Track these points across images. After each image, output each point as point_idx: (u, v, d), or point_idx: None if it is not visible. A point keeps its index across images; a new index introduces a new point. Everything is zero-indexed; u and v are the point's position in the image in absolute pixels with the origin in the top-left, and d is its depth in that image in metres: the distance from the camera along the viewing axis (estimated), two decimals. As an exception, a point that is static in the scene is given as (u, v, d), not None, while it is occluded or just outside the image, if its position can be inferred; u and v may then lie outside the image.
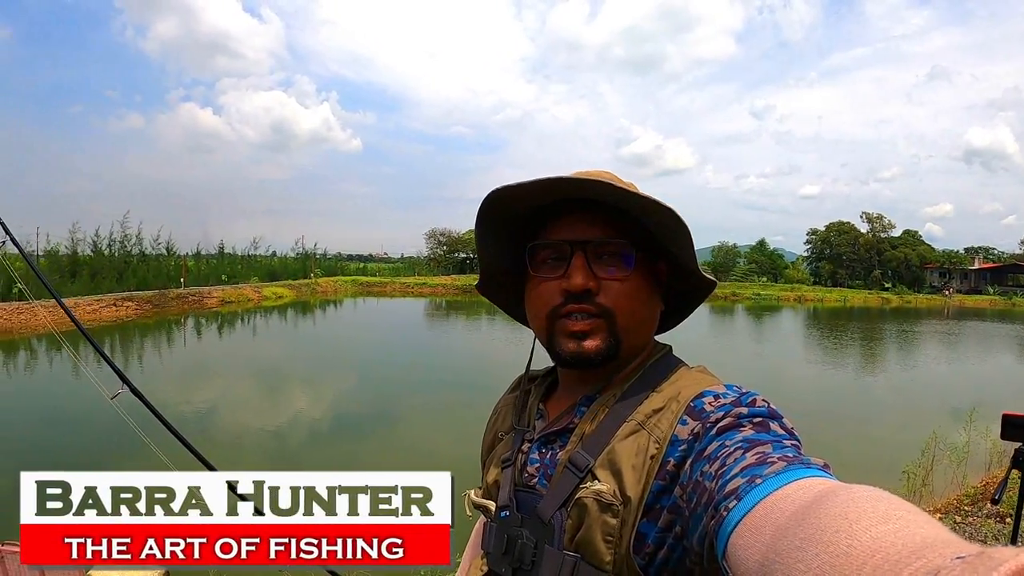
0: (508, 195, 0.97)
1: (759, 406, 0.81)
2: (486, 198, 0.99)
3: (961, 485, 6.95)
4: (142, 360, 17.54)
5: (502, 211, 1.02)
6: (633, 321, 0.96)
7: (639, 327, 0.98)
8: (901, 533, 0.43)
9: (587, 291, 0.94)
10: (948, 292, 64.67)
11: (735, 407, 0.81)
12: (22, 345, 19.74)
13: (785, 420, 0.80)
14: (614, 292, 0.95)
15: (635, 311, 0.96)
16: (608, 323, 0.94)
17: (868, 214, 72.53)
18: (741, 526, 0.61)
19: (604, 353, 0.95)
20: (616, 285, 0.95)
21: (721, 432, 0.78)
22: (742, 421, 0.78)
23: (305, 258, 50.77)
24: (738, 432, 0.76)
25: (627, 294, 0.95)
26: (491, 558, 1.00)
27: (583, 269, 0.94)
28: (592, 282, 0.94)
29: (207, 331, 25.12)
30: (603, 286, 0.94)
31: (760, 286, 61.10)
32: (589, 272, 0.94)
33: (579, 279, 0.93)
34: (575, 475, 0.89)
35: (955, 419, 8.62)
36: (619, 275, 0.95)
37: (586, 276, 0.93)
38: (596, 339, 0.95)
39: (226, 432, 10.11)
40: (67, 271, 30.17)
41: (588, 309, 0.94)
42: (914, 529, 0.44)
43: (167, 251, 37.80)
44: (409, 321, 30.40)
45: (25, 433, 9.87)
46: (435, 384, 14.19)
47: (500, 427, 1.14)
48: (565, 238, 0.97)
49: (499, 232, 1.06)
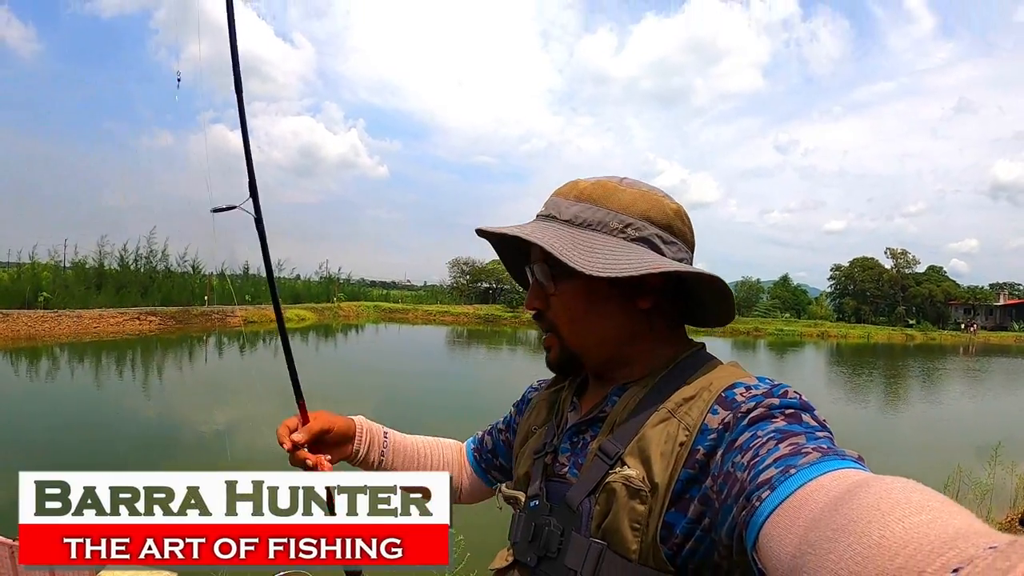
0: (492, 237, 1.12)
1: (791, 397, 0.81)
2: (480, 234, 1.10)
3: (987, 520, 6.73)
4: (162, 374, 17.68)
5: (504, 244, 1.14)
6: (576, 332, 1.01)
7: (587, 334, 1.01)
8: (934, 524, 0.43)
9: (536, 310, 1.05)
10: (972, 329, 63.75)
11: (767, 398, 0.81)
12: (44, 352, 19.95)
13: (817, 412, 0.80)
14: (554, 308, 1.02)
15: (576, 321, 1.01)
16: (558, 336, 1.03)
17: (892, 250, 72.28)
18: (774, 516, 0.60)
19: (560, 362, 1.05)
20: (554, 301, 1.02)
21: (753, 423, 0.78)
22: (774, 412, 0.78)
23: (329, 282, 50.98)
24: (770, 423, 0.76)
25: (561, 307, 1.01)
26: (517, 548, 1.02)
27: (534, 290, 1.05)
28: (537, 302, 1.04)
29: (229, 349, 25.33)
30: (550, 303, 1.03)
31: (783, 322, 60.54)
32: (539, 292, 1.04)
33: (528, 301, 1.06)
34: (605, 462, 0.90)
35: (979, 455, 8.46)
36: (553, 291, 1.01)
37: (532, 297, 1.05)
38: (553, 352, 1.05)
39: (244, 448, 10.13)
40: (93, 283, 30.61)
41: (543, 325, 1.05)
42: (947, 519, 0.44)
43: (192, 269, 38.19)
44: (430, 348, 30.43)
45: (44, 437, 9.94)
46: (453, 408, 14.07)
47: (534, 422, 1.16)
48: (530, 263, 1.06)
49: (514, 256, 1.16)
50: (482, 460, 1.37)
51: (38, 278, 27.86)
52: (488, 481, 1.36)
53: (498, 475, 1.34)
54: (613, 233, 0.98)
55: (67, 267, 32.59)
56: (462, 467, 1.40)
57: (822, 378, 25.90)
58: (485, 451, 1.37)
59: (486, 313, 49.28)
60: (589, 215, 0.99)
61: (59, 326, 24.00)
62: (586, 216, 0.99)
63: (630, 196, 1.00)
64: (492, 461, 1.35)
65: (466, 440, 1.44)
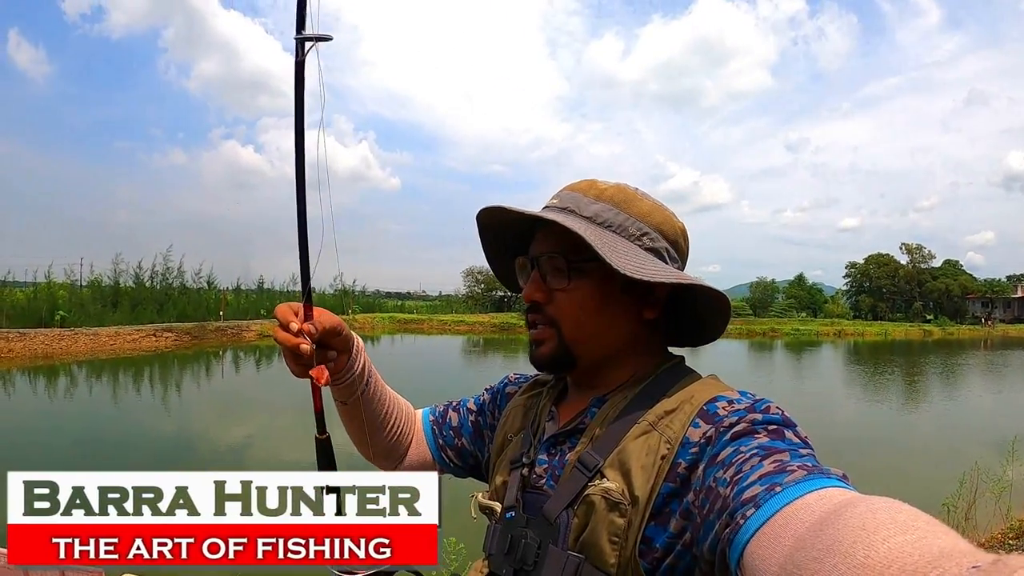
0: (487, 221, 1.09)
1: (773, 413, 0.81)
2: (477, 217, 1.09)
3: (1006, 518, 6.67)
4: (181, 389, 17.78)
5: (497, 232, 1.12)
6: (580, 330, 1.00)
7: (590, 335, 1.00)
8: (919, 544, 0.45)
9: (535, 302, 1.01)
10: (990, 322, 63.14)
11: (749, 413, 0.81)
12: (62, 370, 20.09)
13: (799, 428, 0.79)
14: (559, 303, 0.99)
15: (581, 320, 0.99)
16: (556, 332, 1.00)
17: (907, 245, 71.96)
18: (760, 534, 0.60)
19: (553, 359, 1.02)
20: (561, 296, 0.99)
21: (736, 438, 0.77)
22: (756, 427, 0.78)
23: (343, 294, 51.05)
24: (753, 438, 0.76)
25: (572, 305, 0.99)
26: (493, 559, 1.00)
27: (535, 282, 1.01)
28: (538, 294, 1.01)
29: (245, 364, 25.46)
30: (552, 297, 1.00)
31: (799, 321, 60.04)
32: (541, 284, 1.00)
33: (528, 291, 1.02)
34: (584, 474, 0.89)
35: (998, 451, 8.33)
36: (562, 286, 0.99)
37: (533, 288, 1.01)
38: (547, 346, 1.01)
39: (259, 462, 10.16)
40: (109, 301, 30.87)
41: (540, 318, 1.01)
42: (931, 540, 0.45)
43: (208, 284, 38.46)
44: (446, 357, 30.47)
45: (59, 455, 10.00)
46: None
47: (509, 429, 1.15)
48: (531, 253, 1.04)
49: (500, 248, 1.15)
50: (440, 435, 1.31)
51: (54, 297, 28.12)
52: (439, 458, 1.30)
53: (453, 455, 1.29)
54: (631, 239, 0.98)
55: (83, 285, 32.85)
56: (414, 431, 1.32)
57: (840, 377, 25.71)
58: (447, 426, 1.31)
59: (501, 321, 49.07)
60: (611, 216, 0.98)
61: (76, 344, 24.20)
62: (607, 217, 0.98)
63: (648, 206, 1.01)
64: (453, 440, 1.29)
65: (421, 408, 1.37)
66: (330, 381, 1.04)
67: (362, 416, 1.18)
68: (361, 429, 1.20)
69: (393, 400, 1.27)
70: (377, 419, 1.22)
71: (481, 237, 1.14)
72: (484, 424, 1.28)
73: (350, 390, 1.15)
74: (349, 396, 1.16)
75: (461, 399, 1.35)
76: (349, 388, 1.15)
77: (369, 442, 1.22)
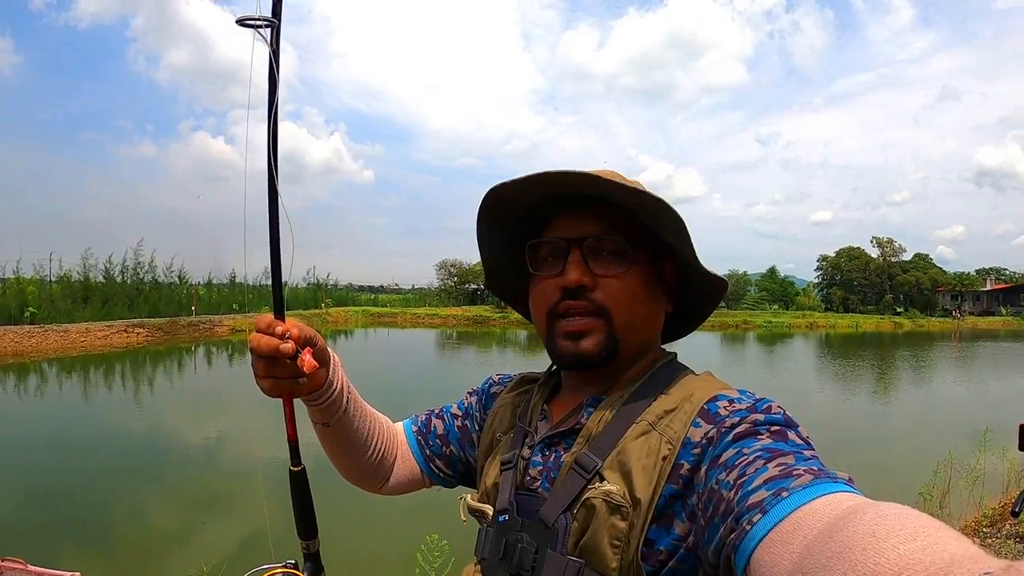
0: (507, 193, 0.97)
1: (775, 413, 0.79)
2: (487, 195, 0.98)
3: (979, 507, 6.80)
4: (153, 385, 17.55)
5: (504, 210, 1.01)
6: (631, 319, 0.95)
7: (638, 326, 0.96)
8: (929, 550, 0.44)
9: (582, 287, 0.92)
10: (959, 315, 64.24)
11: (751, 413, 0.79)
12: (32, 368, 19.75)
13: (801, 429, 0.78)
14: (611, 289, 0.93)
15: (633, 309, 0.95)
16: (605, 322, 0.93)
17: (878, 239, 72.82)
18: (767, 541, 0.59)
19: (601, 353, 0.93)
20: (613, 282, 0.93)
21: (738, 439, 0.76)
22: (759, 428, 0.76)
23: (316, 288, 50.68)
24: (756, 440, 0.74)
25: (625, 291, 0.94)
26: (486, 564, 0.97)
27: (579, 265, 0.93)
28: (587, 278, 0.93)
29: (217, 359, 25.15)
30: (600, 283, 0.93)
31: (771, 314, 60.77)
32: (585, 268, 0.93)
33: (574, 275, 0.92)
34: (582, 476, 0.86)
35: (970, 441, 8.48)
36: (616, 272, 0.93)
37: (581, 272, 0.93)
38: (592, 339, 0.93)
39: (231, 459, 10.06)
40: (79, 297, 30.40)
41: (584, 306, 0.93)
42: (942, 546, 0.44)
43: (179, 279, 37.96)
44: (419, 351, 30.41)
45: (31, 457, 9.83)
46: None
47: (498, 428, 1.11)
48: (563, 235, 0.96)
49: (503, 232, 1.06)
50: (427, 445, 1.24)
51: (23, 293, 27.59)
52: (428, 470, 1.23)
53: (442, 465, 1.23)
54: None
55: (52, 281, 32.30)
56: (398, 447, 1.24)
57: (812, 368, 26.00)
58: (432, 435, 1.24)
59: (474, 314, 49.07)
60: None
61: (46, 341, 23.75)
62: None
63: None
64: (440, 449, 1.23)
65: (400, 421, 1.30)
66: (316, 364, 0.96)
67: (346, 437, 1.12)
68: (345, 451, 1.15)
69: (372, 415, 1.19)
70: (361, 438, 1.15)
71: (484, 219, 1.04)
72: (472, 428, 1.22)
73: (332, 408, 1.07)
74: (332, 416, 1.08)
75: (443, 406, 1.29)
76: (332, 407, 1.07)
77: (353, 464, 1.18)
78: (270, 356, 0.94)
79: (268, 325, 0.95)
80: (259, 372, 0.96)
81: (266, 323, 0.96)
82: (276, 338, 0.94)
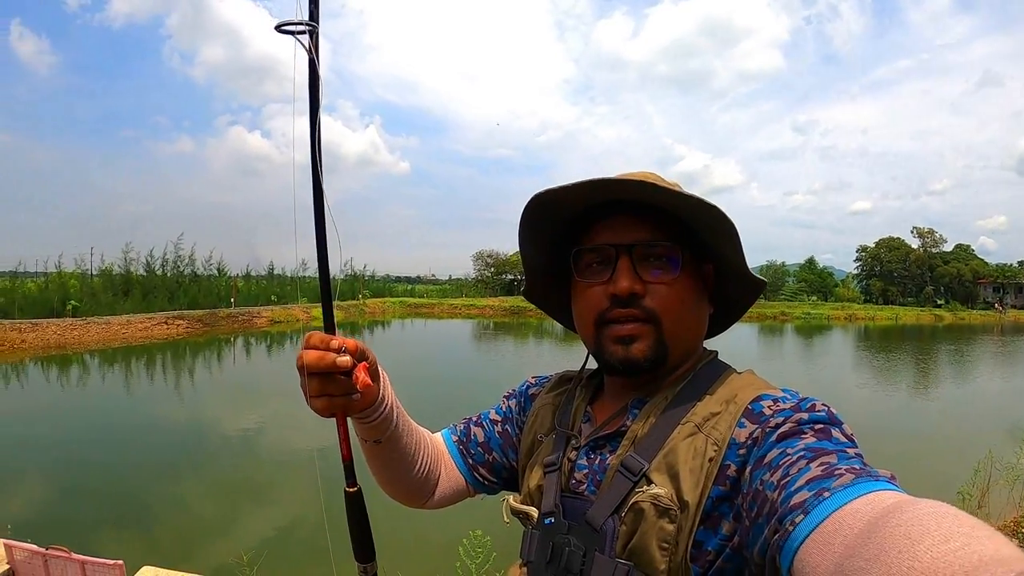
0: (552, 198, 0.96)
1: (819, 411, 0.79)
2: (530, 201, 0.98)
3: (1019, 506, 6.63)
4: (193, 376, 17.90)
5: (546, 215, 1.00)
6: (681, 326, 0.95)
7: (687, 332, 0.96)
8: (961, 551, 0.45)
9: (633, 295, 0.92)
10: (1001, 308, 62.70)
11: (795, 412, 0.79)
12: (75, 360, 20.22)
13: (845, 426, 0.77)
14: (661, 296, 0.93)
15: (683, 315, 0.95)
16: (655, 328, 0.93)
17: (919, 229, 71.31)
18: (809, 541, 0.59)
19: (652, 358, 0.93)
20: (663, 289, 0.93)
21: (782, 438, 0.75)
22: (803, 427, 0.76)
23: (354, 279, 51.09)
24: (799, 439, 0.74)
25: (675, 298, 0.93)
26: (533, 567, 0.97)
27: (629, 272, 0.92)
28: (638, 285, 0.92)
29: (256, 350, 25.54)
30: (650, 290, 0.93)
31: (810, 305, 59.76)
32: (635, 275, 0.92)
33: (625, 282, 0.92)
34: (628, 479, 0.86)
35: (1011, 438, 8.27)
36: (666, 278, 0.93)
37: (632, 279, 0.92)
38: (643, 344, 0.93)
39: (269, 448, 10.19)
40: (120, 290, 31.10)
41: (635, 313, 0.93)
42: (975, 546, 0.45)
43: (218, 271, 38.58)
44: (456, 341, 30.59)
45: (74, 448, 10.06)
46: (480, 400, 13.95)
47: (539, 429, 1.11)
48: (610, 241, 0.95)
49: (543, 237, 1.05)
50: (468, 454, 1.22)
51: (65, 287, 28.34)
52: (472, 480, 1.22)
53: (486, 473, 1.21)
54: None
55: (94, 275, 33.08)
56: (441, 458, 1.21)
57: (850, 362, 25.62)
58: (473, 443, 1.22)
59: (511, 305, 48.98)
60: None
61: (88, 333, 24.28)
62: None
63: None
64: (483, 456, 1.21)
65: (439, 431, 1.27)
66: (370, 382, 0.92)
67: (396, 454, 1.09)
68: (394, 468, 1.12)
69: (417, 429, 1.15)
70: (409, 453, 1.11)
71: (527, 221, 1.01)
72: (513, 432, 1.21)
73: (384, 425, 1.03)
74: (383, 432, 1.04)
75: (481, 412, 1.27)
76: (384, 423, 1.03)
77: (400, 481, 1.14)
78: (325, 372, 0.90)
79: (321, 340, 0.90)
80: (312, 391, 0.91)
81: (318, 338, 0.90)
82: (332, 352, 0.89)
